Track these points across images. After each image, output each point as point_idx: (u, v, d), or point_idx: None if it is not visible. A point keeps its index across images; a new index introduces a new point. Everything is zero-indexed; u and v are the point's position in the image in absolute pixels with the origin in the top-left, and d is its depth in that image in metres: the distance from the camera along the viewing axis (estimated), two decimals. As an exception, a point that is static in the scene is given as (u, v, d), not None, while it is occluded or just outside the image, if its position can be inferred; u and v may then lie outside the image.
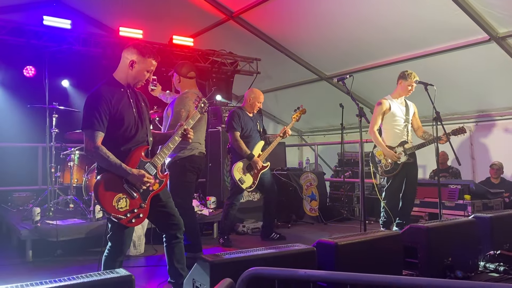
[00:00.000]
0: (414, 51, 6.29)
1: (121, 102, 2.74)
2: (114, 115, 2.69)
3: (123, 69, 2.81)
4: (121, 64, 2.82)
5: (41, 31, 6.05)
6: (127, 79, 2.81)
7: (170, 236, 2.94)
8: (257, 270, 1.86)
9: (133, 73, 2.78)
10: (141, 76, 2.81)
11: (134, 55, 2.77)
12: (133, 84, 2.83)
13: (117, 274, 1.95)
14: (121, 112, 2.72)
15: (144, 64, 2.78)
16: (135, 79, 2.81)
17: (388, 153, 4.75)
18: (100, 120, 2.63)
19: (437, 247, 3.21)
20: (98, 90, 2.72)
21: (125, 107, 2.76)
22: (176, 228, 2.93)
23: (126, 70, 2.79)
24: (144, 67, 2.79)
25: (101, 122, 2.63)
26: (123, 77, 2.81)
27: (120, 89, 2.79)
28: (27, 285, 1.80)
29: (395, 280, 1.81)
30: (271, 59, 7.82)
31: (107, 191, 2.63)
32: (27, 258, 4.26)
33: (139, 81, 2.83)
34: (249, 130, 5.04)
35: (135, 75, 2.79)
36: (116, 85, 2.80)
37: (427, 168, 7.38)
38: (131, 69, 2.77)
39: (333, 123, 9.11)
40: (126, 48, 2.82)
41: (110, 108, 2.67)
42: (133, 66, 2.77)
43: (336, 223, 6.44)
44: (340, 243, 2.69)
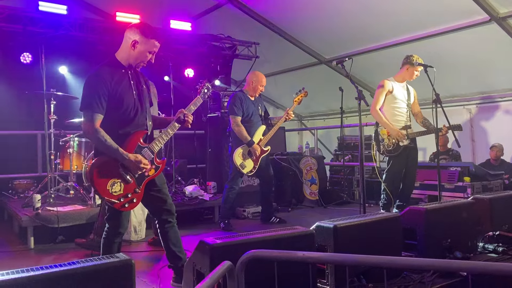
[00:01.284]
0: (414, 33, 6.22)
1: (121, 84, 2.72)
2: (114, 97, 2.67)
3: (125, 49, 2.77)
4: (123, 44, 2.79)
5: (36, 17, 5.98)
6: (128, 60, 2.78)
7: (162, 221, 2.94)
8: (256, 253, 1.87)
9: (135, 53, 2.75)
10: (143, 57, 2.77)
11: (136, 35, 2.73)
12: (135, 65, 2.80)
13: (117, 259, 1.95)
14: (121, 94, 2.70)
15: (147, 45, 2.75)
16: (137, 60, 2.78)
17: (393, 131, 4.69)
18: (99, 102, 2.61)
19: (436, 229, 3.22)
20: (98, 71, 2.70)
21: (125, 89, 2.73)
22: (168, 213, 2.93)
23: (128, 50, 2.75)
24: (146, 48, 2.75)
25: (100, 104, 2.62)
26: (125, 57, 2.78)
27: (121, 70, 2.76)
28: (27, 270, 1.81)
29: (392, 260, 1.82)
30: (270, 43, 7.75)
31: (102, 174, 2.63)
32: (29, 245, 4.29)
33: (141, 62, 2.80)
34: (250, 114, 5.02)
35: (137, 56, 2.76)
36: (117, 66, 2.77)
37: (427, 150, 7.38)
38: (133, 50, 2.74)
39: (332, 107, 9.07)
40: (129, 28, 2.78)
41: (109, 90, 2.65)
42: (135, 47, 2.73)
43: (336, 207, 6.47)
44: (339, 225, 2.70)
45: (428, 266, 1.89)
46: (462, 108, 7.14)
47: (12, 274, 1.75)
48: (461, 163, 6.11)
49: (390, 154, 4.78)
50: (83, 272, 1.84)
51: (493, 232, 3.46)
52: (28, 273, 1.77)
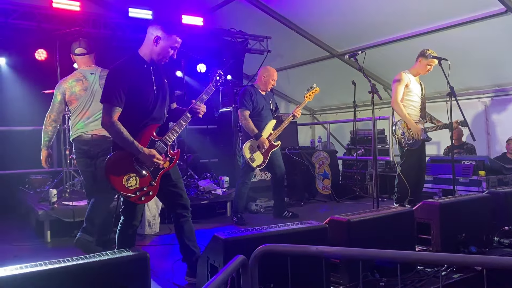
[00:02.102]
0: (428, 26, 6.13)
1: (142, 79, 2.77)
2: (134, 92, 2.72)
3: (147, 45, 2.83)
4: (146, 40, 2.84)
5: (50, 14, 6.05)
6: (151, 55, 2.83)
7: (177, 215, 2.98)
8: (270, 247, 1.88)
9: (157, 49, 2.80)
10: (165, 52, 2.82)
11: (159, 31, 2.78)
12: (157, 60, 2.84)
13: (133, 253, 1.98)
14: (141, 89, 2.75)
15: (169, 41, 2.80)
16: (159, 56, 2.82)
17: (414, 126, 4.65)
18: (118, 95, 2.67)
19: (451, 223, 3.20)
20: (119, 65, 2.77)
21: (145, 84, 2.78)
22: (183, 208, 2.98)
23: (151, 46, 2.81)
24: (168, 44, 2.80)
25: (119, 98, 2.67)
26: (147, 53, 2.83)
27: (143, 66, 2.82)
28: (45, 264, 1.85)
29: (407, 255, 1.82)
30: (281, 37, 7.72)
31: (117, 169, 2.68)
32: (45, 239, 4.37)
33: (163, 58, 2.84)
34: (261, 109, 5.02)
35: (159, 52, 2.81)
36: (139, 61, 2.82)
37: (441, 144, 7.30)
38: (156, 46, 2.79)
39: (345, 101, 9.01)
40: (152, 24, 2.84)
41: (130, 84, 2.70)
42: (158, 43, 2.78)
43: (349, 201, 6.45)
44: (353, 219, 2.70)
45: (443, 261, 1.88)
46: (477, 101, 7.04)
47: (31, 268, 1.79)
48: (476, 157, 6.03)
49: (411, 147, 4.71)
50: (99, 266, 1.88)
51: (509, 227, 3.43)
52: (47, 267, 1.81)
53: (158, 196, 2.98)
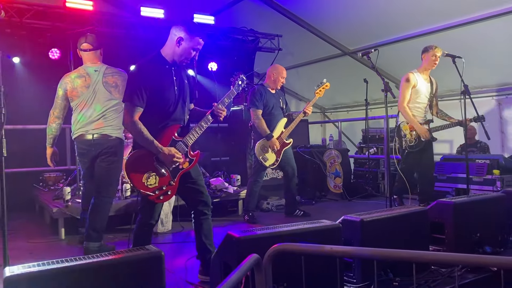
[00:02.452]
0: (442, 23, 6.06)
1: (163, 79, 2.79)
2: (155, 92, 2.74)
3: (170, 45, 2.85)
4: (168, 40, 2.86)
5: (64, 14, 6.10)
6: (173, 56, 2.84)
7: (198, 212, 3.01)
8: (284, 246, 1.88)
9: (180, 50, 2.81)
10: (187, 53, 2.83)
11: (182, 32, 2.80)
12: (179, 61, 2.86)
13: (148, 251, 2.01)
14: (162, 90, 2.77)
15: (191, 42, 2.81)
16: (181, 57, 2.84)
17: (421, 130, 4.72)
18: (140, 95, 2.69)
19: (465, 223, 3.17)
20: (141, 66, 2.79)
21: (166, 85, 2.80)
22: (204, 205, 3.00)
23: (173, 46, 2.82)
24: (191, 45, 2.82)
25: (141, 98, 2.70)
26: (170, 53, 2.85)
27: (165, 66, 2.84)
28: (61, 261, 1.87)
29: (422, 255, 1.80)
30: (292, 35, 7.70)
31: (137, 168, 2.71)
32: (60, 236, 4.42)
33: (185, 59, 2.86)
34: (271, 107, 5.02)
35: (181, 53, 2.82)
36: (161, 61, 2.84)
37: (453, 142, 7.23)
38: (178, 46, 2.81)
39: (356, 99, 8.97)
40: (175, 25, 2.85)
41: (151, 84, 2.73)
42: (180, 44, 2.80)
43: (361, 200, 6.42)
44: (366, 219, 2.69)
45: (459, 262, 1.86)
46: (491, 99, 6.94)
47: (48, 265, 1.82)
48: (490, 156, 5.96)
49: (412, 149, 4.78)
50: (115, 264, 1.90)
51: (525, 226, 3.38)
52: (63, 264, 1.84)
53: (178, 194, 3.01)
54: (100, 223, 3.68)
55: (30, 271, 1.75)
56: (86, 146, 3.68)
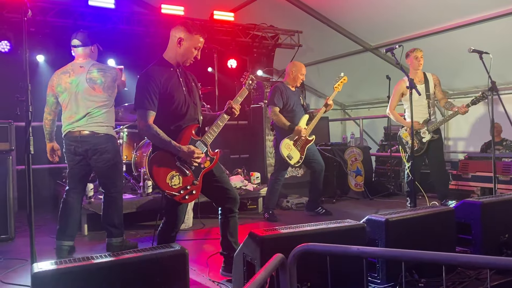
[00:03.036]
0: (466, 18, 5.90)
1: (170, 81, 2.82)
2: (164, 94, 2.77)
3: (172, 48, 2.87)
4: (170, 43, 2.89)
5: (86, 12, 6.18)
6: (176, 58, 2.87)
7: (226, 209, 3.01)
8: (309, 246, 1.86)
9: (182, 50, 2.84)
10: (189, 53, 2.85)
11: (181, 32, 2.82)
12: (182, 62, 2.88)
13: (172, 249, 2.01)
14: (171, 91, 2.80)
15: (192, 41, 2.83)
16: (183, 57, 2.86)
17: (408, 124, 4.74)
18: (150, 100, 2.72)
19: (492, 224, 3.09)
20: (148, 71, 2.82)
21: (174, 86, 2.83)
22: (232, 201, 3.01)
23: (175, 48, 2.85)
24: (191, 44, 2.83)
25: (152, 102, 2.72)
26: (172, 56, 2.87)
27: (170, 69, 2.87)
28: (87, 258, 1.89)
29: (452, 257, 1.76)
30: (313, 31, 7.62)
31: (160, 168, 2.72)
32: (83, 232, 4.48)
33: (188, 59, 2.88)
34: (292, 105, 4.98)
35: (183, 53, 2.84)
36: (166, 65, 2.87)
37: (478, 140, 7.05)
38: (179, 47, 2.83)
39: (377, 96, 8.83)
40: (174, 27, 2.87)
41: (160, 88, 2.75)
42: (181, 44, 2.82)
43: (382, 199, 6.33)
44: (391, 219, 2.64)
45: (490, 265, 1.80)
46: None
47: (74, 262, 1.83)
48: (516, 154, 5.81)
49: (417, 154, 4.91)
50: (140, 261, 1.91)
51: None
52: (89, 262, 1.85)
53: (204, 193, 3.01)
54: (117, 218, 3.72)
55: (58, 268, 1.77)
56: (73, 142, 3.60)
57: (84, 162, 3.66)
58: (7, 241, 4.18)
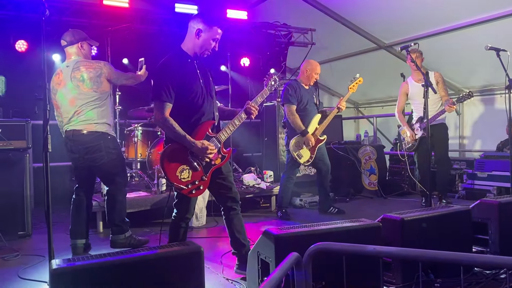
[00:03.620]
0: (481, 15, 5.80)
1: (188, 73, 2.82)
2: (182, 86, 2.77)
3: (190, 39, 2.88)
4: (188, 34, 2.89)
5: (101, 11, 6.23)
6: (194, 49, 2.87)
7: (227, 208, 3.03)
8: (325, 245, 1.85)
9: (200, 42, 2.84)
10: (207, 44, 2.86)
11: (200, 23, 2.83)
12: (200, 53, 2.88)
13: (188, 246, 2.02)
14: (188, 83, 2.80)
15: (210, 33, 2.84)
16: (201, 48, 2.86)
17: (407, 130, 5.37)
18: (167, 91, 2.72)
19: (510, 223, 3.05)
20: (165, 62, 2.83)
21: (192, 78, 2.83)
22: (232, 200, 3.02)
23: (193, 39, 2.85)
24: (210, 35, 2.84)
25: (169, 94, 2.73)
26: (190, 47, 2.88)
27: (187, 60, 2.87)
28: (104, 255, 1.91)
29: (469, 257, 1.74)
30: (326, 29, 7.58)
31: (172, 161, 2.74)
32: (98, 229, 4.53)
33: (206, 50, 2.88)
34: (305, 103, 4.97)
35: (202, 44, 2.85)
36: (183, 55, 2.87)
37: (494, 139, 6.94)
38: (198, 38, 2.84)
39: (391, 94, 8.75)
40: (192, 18, 2.88)
41: (177, 79, 2.76)
42: (200, 35, 2.83)
43: (397, 197, 6.28)
44: (407, 218, 2.62)
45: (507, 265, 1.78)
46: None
47: (92, 259, 1.85)
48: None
49: (413, 149, 5.37)
50: (156, 259, 1.92)
51: None
52: (106, 258, 1.87)
53: (209, 189, 3.03)
54: (117, 215, 3.75)
55: (76, 265, 1.80)
56: (68, 141, 3.63)
57: (82, 161, 3.64)
58: (24, 237, 4.25)
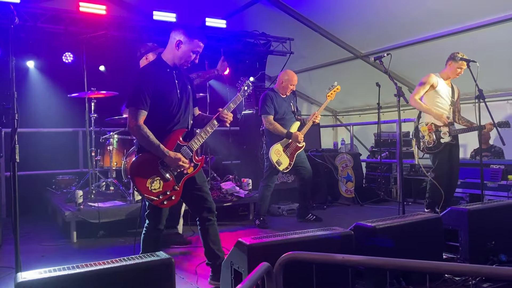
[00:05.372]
0: (456, 26, 5.98)
1: (165, 82, 2.82)
2: (158, 95, 2.76)
3: (170, 49, 2.88)
4: (168, 44, 2.89)
5: (77, 18, 6.17)
6: (173, 59, 2.87)
7: (203, 218, 2.99)
8: (295, 255, 1.86)
9: (179, 53, 2.85)
10: (187, 56, 2.86)
11: (181, 35, 2.83)
12: (179, 64, 2.89)
13: (158, 257, 2.00)
14: (165, 92, 2.79)
15: (191, 45, 2.84)
16: (181, 60, 2.87)
17: (436, 114, 4.61)
18: (143, 99, 2.71)
19: (480, 230, 3.12)
20: (144, 69, 2.86)
21: (169, 88, 2.83)
22: (208, 211, 2.98)
23: (173, 50, 2.86)
24: (190, 48, 2.84)
25: (145, 101, 2.72)
26: (170, 57, 2.88)
27: (166, 70, 2.86)
28: (72, 267, 1.87)
29: (437, 266, 1.77)
30: (304, 38, 7.68)
31: (142, 172, 2.71)
32: (71, 239, 4.44)
33: (185, 62, 2.89)
34: (283, 112, 5.00)
35: (181, 56, 2.85)
36: (163, 65, 2.87)
37: (467, 147, 7.13)
38: (177, 50, 2.84)
39: (368, 103, 8.91)
40: (174, 29, 2.89)
41: (154, 87, 2.74)
42: (180, 47, 2.83)
43: (373, 205, 6.36)
44: (378, 226, 2.66)
45: (473, 273, 1.82)
46: (506, 103, 6.84)
47: (59, 271, 1.82)
48: (504, 161, 5.86)
49: (430, 151, 4.70)
50: (125, 270, 1.90)
51: (541, 235, 3.30)
52: (74, 271, 1.84)
53: (183, 200, 3.01)
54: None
55: (41, 278, 1.76)
56: None
57: None
58: (-6, 248, 4.14)
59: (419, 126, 4.80)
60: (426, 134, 4.71)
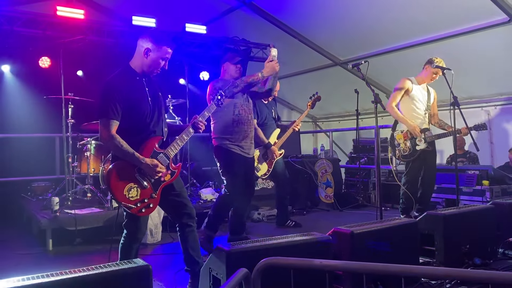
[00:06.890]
0: (432, 34, 6.14)
1: (135, 91, 2.76)
2: (129, 104, 2.70)
3: (138, 57, 2.81)
4: (136, 52, 2.83)
5: (55, 22, 6.09)
6: (142, 67, 2.81)
7: (183, 225, 2.95)
8: (273, 260, 1.87)
9: (148, 61, 2.79)
10: (156, 64, 2.81)
11: (148, 43, 2.77)
12: (148, 72, 2.83)
13: (135, 264, 1.97)
14: (136, 101, 2.74)
15: (159, 52, 2.79)
16: (150, 67, 2.81)
17: (411, 126, 4.64)
18: (114, 109, 2.64)
19: (455, 235, 3.18)
20: (112, 79, 2.75)
21: (140, 96, 2.77)
22: (188, 217, 2.94)
23: (141, 58, 2.79)
24: (159, 55, 2.79)
25: (116, 111, 2.65)
26: (139, 65, 2.82)
27: (136, 78, 2.80)
28: (47, 275, 1.83)
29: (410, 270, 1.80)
30: (284, 45, 7.71)
31: (119, 180, 2.66)
32: (47, 247, 4.35)
33: (155, 69, 2.83)
34: (264, 118, 5.03)
35: (150, 63, 2.80)
36: (131, 73, 2.81)
37: (444, 153, 7.28)
38: (146, 58, 2.78)
39: (348, 109, 9.02)
40: (141, 37, 2.82)
41: (124, 97, 2.68)
42: (148, 54, 2.77)
43: (352, 210, 6.42)
44: (356, 231, 2.69)
45: (447, 276, 1.86)
46: (480, 110, 7.02)
47: (33, 280, 1.78)
48: (479, 166, 6.01)
49: (405, 159, 4.75)
50: (101, 278, 1.87)
51: (514, 238, 3.39)
52: (48, 279, 1.80)
53: (162, 207, 2.97)
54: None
55: (16, 286, 1.72)
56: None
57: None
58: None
59: (395, 134, 4.85)
60: (401, 142, 4.76)
